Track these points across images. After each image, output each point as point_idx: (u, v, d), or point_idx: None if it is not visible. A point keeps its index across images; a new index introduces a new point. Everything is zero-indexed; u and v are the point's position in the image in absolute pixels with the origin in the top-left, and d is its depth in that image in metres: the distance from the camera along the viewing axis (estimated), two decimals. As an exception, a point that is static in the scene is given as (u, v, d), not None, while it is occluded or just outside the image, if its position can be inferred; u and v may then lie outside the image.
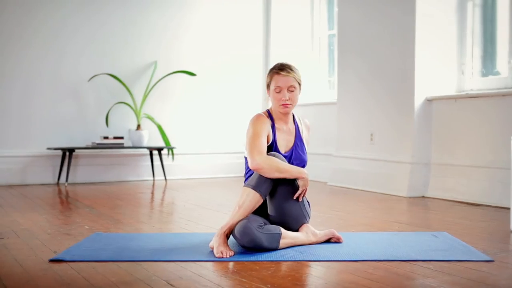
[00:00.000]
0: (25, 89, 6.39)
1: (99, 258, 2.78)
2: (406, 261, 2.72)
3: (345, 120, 6.25)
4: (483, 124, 4.93)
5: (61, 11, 6.53)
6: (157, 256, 2.82)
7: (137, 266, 2.65)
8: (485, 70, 5.28)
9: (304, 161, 3.17)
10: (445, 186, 5.17)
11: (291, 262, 2.71)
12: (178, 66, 7.02)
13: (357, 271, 2.56)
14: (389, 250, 2.94)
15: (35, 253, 2.93)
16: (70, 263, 2.70)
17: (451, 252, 2.91)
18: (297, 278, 2.44)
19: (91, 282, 2.38)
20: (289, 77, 3.06)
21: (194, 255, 2.85)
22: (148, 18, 6.93)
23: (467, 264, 2.67)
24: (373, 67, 5.85)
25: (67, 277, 2.45)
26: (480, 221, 4.01)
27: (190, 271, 2.56)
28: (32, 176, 6.40)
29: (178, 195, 5.64)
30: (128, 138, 6.78)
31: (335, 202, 5.05)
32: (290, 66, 3.12)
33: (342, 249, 2.97)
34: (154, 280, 2.41)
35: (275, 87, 3.07)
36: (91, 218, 4.07)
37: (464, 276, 2.47)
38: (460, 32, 5.37)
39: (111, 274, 2.50)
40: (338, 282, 2.42)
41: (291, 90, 3.07)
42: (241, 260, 2.74)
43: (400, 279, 2.44)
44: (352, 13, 6.16)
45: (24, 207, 4.65)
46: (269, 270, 2.57)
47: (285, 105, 3.07)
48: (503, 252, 2.94)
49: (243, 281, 2.40)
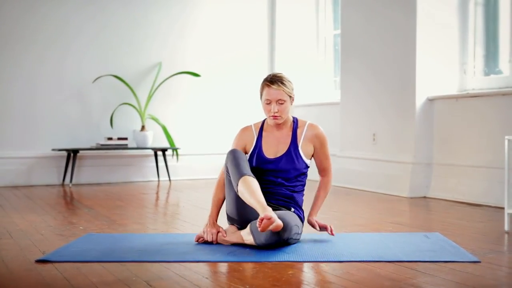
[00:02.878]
0: (29, 90, 6.44)
1: (85, 259, 2.79)
2: (392, 262, 2.71)
3: (348, 120, 6.23)
4: (484, 123, 4.89)
5: (63, 10, 6.56)
6: (142, 256, 2.83)
7: (122, 266, 2.66)
8: (487, 69, 5.24)
9: (298, 169, 3.19)
10: (446, 186, 5.13)
11: (276, 263, 2.70)
12: (183, 67, 7.04)
13: (340, 272, 2.55)
14: (377, 251, 2.92)
15: (24, 253, 2.95)
16: (55, 263, 2.71)
17: (439, 253, 2.89)
18: (278, 279, 2.43)
19: (71, 283, 2.39)
20: (279, 91, 3.12)
21: (179, 255, 2.86)
22: (152, 18, 6.96)
23: (453, 265, 2.65)
24: (375, 67, 5.82)
25: (49, 278, 2.47)
26: (477, 221, 3.97)
27: (173, 271, 2.57)
28: (37, 177, 6.45)
29: (180, 196, 5.65)
30: (132, 139, 6.81)
31: (336, 202, 5.03)
32: (282, 79, 3.15)
33: (330, 250, 2.96)
34: (134, 281, 2.41)
35: (265, 99, 3.16)
36: (88, 219, 4.10)
37: (447, 277, 2.45)
38: (462, 31, 5.33)
39: (93, 275, 2.51)
40: (317, 282, 2.42)
41: (280, 103, 3.14)
42: (228, 261, 2.75)
43: (380, 280, 2.42)
44: (354, 14, 6.14)
45: (25, 208, 4.69)
46: (252, 271, 2.57)
47: (274, 117, 3.16)
48: (492, 253, 2.91)
49: (223, 282, 2.41)
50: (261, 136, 3.25)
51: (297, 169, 3.18)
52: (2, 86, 6.35)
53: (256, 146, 3.23)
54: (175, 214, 4.59)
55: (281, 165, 3.17)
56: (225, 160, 3.13)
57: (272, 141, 3.23)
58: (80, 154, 6.57)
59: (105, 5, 6.76)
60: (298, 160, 3.18)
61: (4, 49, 6.35)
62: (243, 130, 3.31)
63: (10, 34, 6.37)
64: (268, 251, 2.88)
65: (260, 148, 3.21)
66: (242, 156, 3.09)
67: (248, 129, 3.30)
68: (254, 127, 3.30)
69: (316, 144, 3.23)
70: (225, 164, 3.12)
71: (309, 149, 3.23)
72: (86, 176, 6.63)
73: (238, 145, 3.27)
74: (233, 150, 3.12)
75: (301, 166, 3.20)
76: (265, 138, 3.24)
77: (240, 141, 3.28)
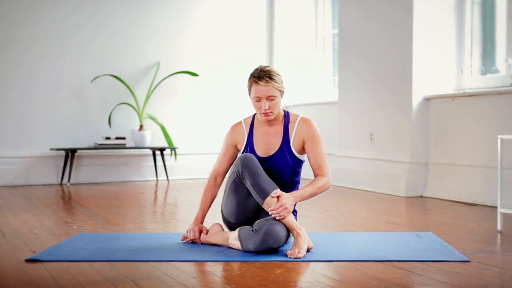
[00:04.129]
0: (27, 90, 6.45)
1: (75, 258, 2.80)
2: (381, 262, 2.70)
3: (346, 120, 6.22)
4: (480, 123, 4.88)
5: (61, 9, 6.57)
6: (132, 256, 2.83)
7: (110, 266, 2.66)
8: (484, 69, 5.22)
9: (291, 166, 3.06)
10: (443, 185, 5.12)
11: (265, 262, 2.70)
12: (181, 67, 7.04)
13: (328, 272, 2.55)
14: (367, 251, 2.92)
15: (15, 253, 2.95)
16: (45, 263, 2.71)
17: (429, 252, 2.88)
18: (265, 278, 2.43)
19: (58, 282, 2.39)
20: (268, 87, 2.98)
21: (168, 255, 2.86)
22: (150, 17, 6.96)
23: (442, 264, 2.64)
24: (373, 67, 5.81)
25: (37, 277, 2.47)
26: (472, 221, 3.96)
27: (161, 271, 2.57)
28: (36, 176, 6.47)
29: (177, 195, 5.65)
30: (131, 138, 6.81)
31: (332, 202, 5.02)
32: (270, 74, 3.00)
33: (320, 250, 2.95)
34: (121, 280, 2.41)
35: (254, 97, 3.02)
36: (82, 219, 4.10)
37: (434, 276, 2.45)
38: (458, 30, 5.32)
39: (81, 274, 2.51)
40: (303, 281, 2.41)
41: (270, 99, 3.00)
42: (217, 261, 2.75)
43: (368, 280, 2.42)
44: (351, 13, 6.13)
45: (21, 207, 4.70)
46: (240, 270, 2.57)
47: (265, 114, 3.03)
48: (483, 252, 2.91)
49: (209, 281, 2.41)
50: (252, 134, 3.13)
51: (290, 167, 3.06)
52: (1, 86, 6.36)
53: (247, 144, 3.12)
54: (171, 214, 4.59)
55: (274, 164, 3.05)
56: (234, 165, 3.03)
57: (264, 138, 3.10)
58: (78, 153, 6.58)
59: (104, 4, 6.77)
60: (291, 157, 3.06)
61: (2, 48, 6.36)
62: (233, 127, 3.20)
63: (8, 33, 6.38)
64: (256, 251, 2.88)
65: (251, 146, 3.10)
66: (259, 165, 2.98)
67: (238, 126, 3.19)
68: (245, 123, 3.18)
69: (307, 140, 3.06)
70: (233, 169, 3.02)
71: (302, 145, 3.08)
72: (84, 175, 6.63)
73: (229, 143, 3.19)
74: (247, 157, 2.98)
75: (294, 164, 3.07)
76: (256, 136, 3.12)
77: (230, 140, 3.19)
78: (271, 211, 2.85)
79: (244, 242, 2.88)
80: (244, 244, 2.88)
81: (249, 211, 3.02)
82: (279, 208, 2.85)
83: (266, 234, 2.80)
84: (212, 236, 3.09)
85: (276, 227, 2.83)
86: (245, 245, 2.88)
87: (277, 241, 2.83)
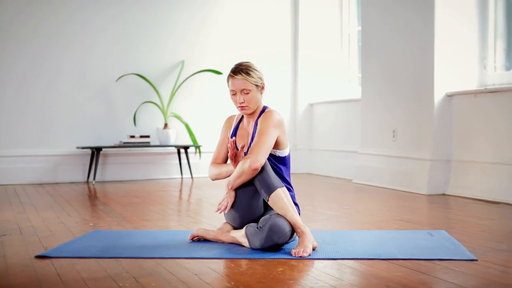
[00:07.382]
0: (53, 89, 6.58)
1: (83, 255, 2.84)
2: (386, 260, 2.68)
3: (369, 117, 6.18)
4: (503, 119, 4.78)
5: (87, 10, 6.69)
6: (138, 253, 2.87)
7: (116, 263, 2.70)
8: (508, 64, 5.12)
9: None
10: (465, 183, 5.04)
11: (269, 260, 2.70)
12: (205, 65, 7.08)
13: (330, 270, 2.54)
14: (373, 249, 2.89)
15: (27, 249, 3.01)
16: (53, 259, 2.76)
17: (437, 250, 2.85)
18: (265, 276, 2.43)
19: (62, 279, 2.43)
20: (242, 81, 3.06)
21: (174, 252, 2.88)
22: (175, 17, 7.02)
23: (448, 263, 2.61)
24: (395, 64, 5.76)
25: (42, 274, 2.52)
26: (489, 219, 3.90)
27: (164, 268, 2.59)
28: (63, 174, 6.58)
29: (198, 193, 5.69)
30: (156, 136, 6.88)
31: (351, 200, 5.00)
32: (246, 69, 3.09)
33: (327, 248, 2.94)
34: (123, 277, 2.44)
35: (230, 90, 3.13)
36: (100, 216, 4.16)
37: (437, 275, 2.42)
38: (482, 25, 5.22)
39: (86, 271, 2.55)
40: (303, 279, 2.41)
41: (245, 92, 3.08)
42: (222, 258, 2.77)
43: (368, 278, 2.40)
44: (373, 11, 6.08)
45: (43, 205, 4.79)
46: (243, 268, 2.58)
47: (241, 107, 3.10)
48: (493, 251, 2.86)
49: (210, 278, 2.41)
50: (237, 128, 3.23)
51: None
52: (28, 84, 6.49)
53: (232, 136, 3.21)
54: (187, 212, 4.63)
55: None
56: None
57: (243, 133, 3.19)
58: (103, 151, 6.68)
59: (129, 5, 6.85)
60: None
61: (29, 48, 6.49)
62: (228, 118, 3.32)
63: (33, 33, 6.50)
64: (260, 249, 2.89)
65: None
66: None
67: (231, 119, 3.31)
68: (237, 116, 3.29)
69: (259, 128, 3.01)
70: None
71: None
72: (109, 173, 6.73)
73: (224, 133, 3.28)
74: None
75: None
76: (239, 130, 3.21)
77: (224, 130, 3.30)
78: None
79: (251, 240, 2.90)
80: (251, 242, 2.90)
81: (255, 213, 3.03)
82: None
83: (271, 230, 2.81)
84: (223, 234, 3.11)
85: (280, 222, 2.84)
86: (252, 243, 2.90)
87: (282, 236, 2.83)
